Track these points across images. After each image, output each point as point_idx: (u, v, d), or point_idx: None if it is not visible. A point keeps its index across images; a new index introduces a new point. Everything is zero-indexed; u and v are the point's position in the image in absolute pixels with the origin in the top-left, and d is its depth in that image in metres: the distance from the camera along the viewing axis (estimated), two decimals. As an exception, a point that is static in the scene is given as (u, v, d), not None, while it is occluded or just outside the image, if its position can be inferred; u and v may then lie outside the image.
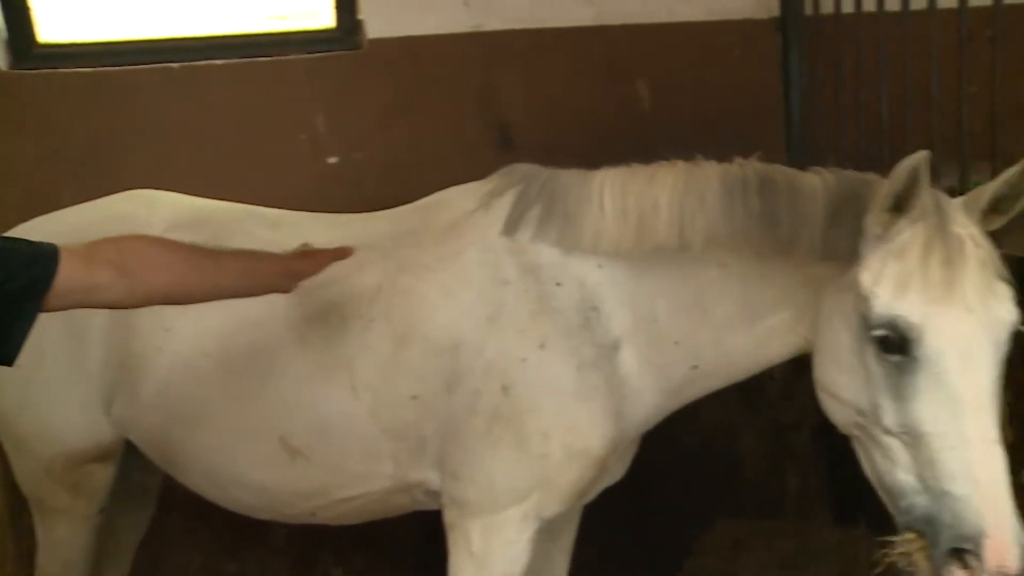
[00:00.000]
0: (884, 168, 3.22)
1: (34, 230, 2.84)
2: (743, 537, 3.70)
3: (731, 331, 2.35)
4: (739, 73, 3.98)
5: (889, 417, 1.97)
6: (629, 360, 2.40)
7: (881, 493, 2.07)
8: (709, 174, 2.31)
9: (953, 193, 3.51)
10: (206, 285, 2.11)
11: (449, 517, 2.50)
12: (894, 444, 1.97)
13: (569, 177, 2.44)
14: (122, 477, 2.85)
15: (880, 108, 3.31)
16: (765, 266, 2.27)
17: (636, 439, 2.63)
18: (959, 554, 1.82)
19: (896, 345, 1.94)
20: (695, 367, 2.40)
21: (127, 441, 2.76)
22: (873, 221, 2.02)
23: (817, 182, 2.20)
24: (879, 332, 1.95)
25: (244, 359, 2.54)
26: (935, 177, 2.02)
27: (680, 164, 2.37)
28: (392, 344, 2.46)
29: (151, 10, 3.92)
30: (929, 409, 1.91)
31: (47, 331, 2.61)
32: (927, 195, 1.97)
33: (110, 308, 2.12)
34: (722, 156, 2.25)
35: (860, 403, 2.04)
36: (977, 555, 1.80)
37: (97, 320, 2.64)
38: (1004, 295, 1.97)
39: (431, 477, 2.51)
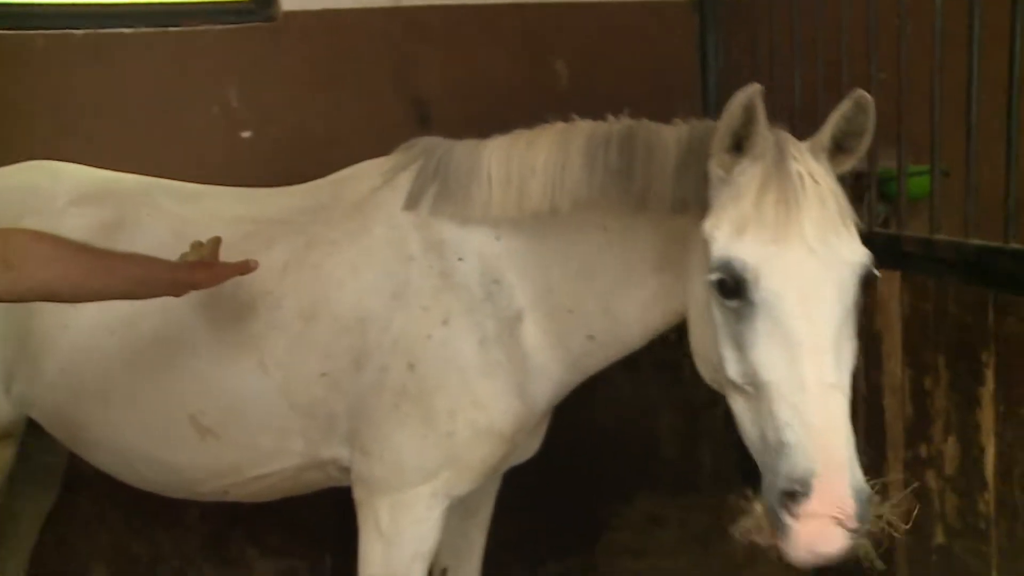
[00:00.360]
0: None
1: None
2: (658, 513, 3.78)
3: (616, 297, 2.35)
4: (657, 54, 4.01)
5: (732, 368, 1.89)
6: (531, 332, 2.40)
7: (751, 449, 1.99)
8: (578, 134, 2.31)
9: (860, 178, 3.65)
10: (94, 286, 2.06)
11: (358, 494, 2.50)
12: (740, 397, 1.90)
13: (462, 148, 2.44)
14: (23, 457, 2.76)
15: (794, 91, 3.37)
16: (636, 226, 2.26)
17: (547, 414, 2.65)
18: (791, 498, 1.72)
19: (732, 289, 1.86)
20: (591, 337, 2.41)
21: (28, 420, 2.67)
22: (715, 163, 1.98)
23: (672, 132, 2.20)
24: (715, 276, 1.87)
25: (152, 336, 2.49)
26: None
27: (558, 126, 2.37)
28: (300, 321, 2.44)
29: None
30: (767, 356, 1.82)
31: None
32: (765, 133, 1.92)
33: None
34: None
35: (712, 356, 1.97)
36: (806, 496, 1.69)
37: (-4, 296, 2.55)
38: (849, 235, 1.91)
39: (343, 454, 2.50)
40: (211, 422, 2.50)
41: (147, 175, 2.89)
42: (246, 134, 3.77)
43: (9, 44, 3.56)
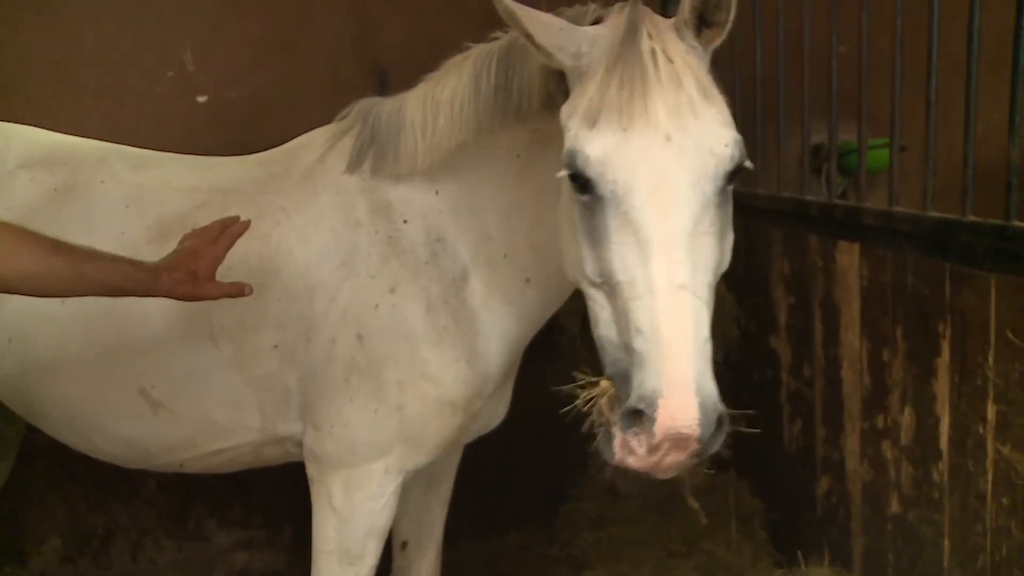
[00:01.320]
0: (756, 123, 3.35)
1: None
2: (618, 483, 3.79)
3: (538, 229, 2.23)
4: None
5: (589, 266, 1.76)
6: (476, 290, 2.33)
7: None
8: (467, 58, 2.22)
9: (819, 150, 3.67)
10: (58, 287, 1.94)
11: (311, 470, 2.46)
12: (599, 296, 1.75)
13: (390, 103, 2.37)
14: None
15: (755, 62, 3.37)
16: (548, 143, 2.04)
17: (508, 379, 2.59)
18: (638, 416, 1.60)
19: (583, 183, 1.72)
20: (527, 280, 2.33)
21: (-20, 391, 2.61)
22: (550, 51, 1.82)
23: None
24: (565, 170, 1.74)
25: (102, 308, 2.40)
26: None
27: (457, 56, 2.27)
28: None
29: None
30: (619, 254, 1.69)
31: None
32: (617, 11, 1.79)
33: None
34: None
35: (572, 254, 1.84)
36: (650, 419, 1.57)
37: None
38: (712, 119, 1.72)
39: (299, 429, 2.46)
40: (162, 396, 2.44)
41: (101, 139, 2.82)
42: (202, 99, 3.70)
43: (-47, 2, 3.45)
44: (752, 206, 3.41)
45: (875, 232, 2.68)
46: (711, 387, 1.61)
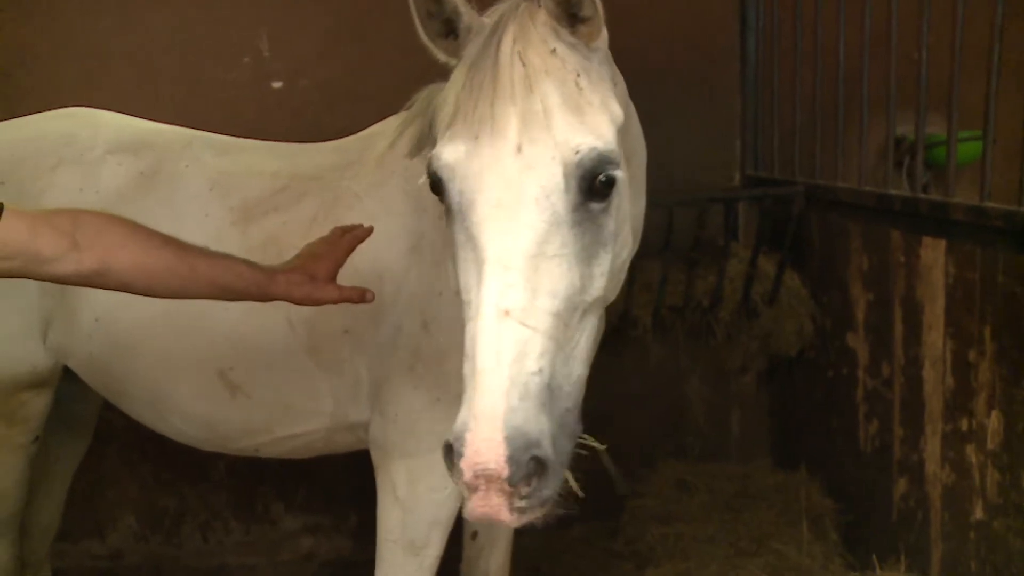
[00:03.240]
0: (839, 115, 3.26)
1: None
2: (686, 479, 3.74)
3: None
4: (696, 13, 3.90)
5: (454, 283, 1.67)
6: None
7: None
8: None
9: (900, 144, 3.56)
10: (171, 284, 1.86)
11: (375, 458, 2.46)
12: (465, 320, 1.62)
13: (445, 88, 2.30)
14: (56, 407, 2.76)
15: (838, 53, 3.27)
16: None
17: None
18: (449, 454, 1.49)
19: (439, 194, 1.64)
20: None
21: (63, 370, 2.67)
22: (432, 49, 1.75)
23: None
24: (423, 179, 1.66)
25: None
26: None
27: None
28: None
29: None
30: (464, 271, 1.60)
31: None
32: (465, 10, 1.69)
33: (58, 283, 1.90)
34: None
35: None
36: (459, 454, 1.45)
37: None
38: (569, 127, 1.58)
39: (370, 416, 2.46)
40: (240, 379, 2.47)
41: (178, 124, 2.85)
42: (277, 84, 3.72)
43: (36, -10, 3.52)
44: (831, 200, 3.32)
45: (963, 228, 2.58)
46: (528, 426, 1.44)
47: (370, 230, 2.07)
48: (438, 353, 2.30)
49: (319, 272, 1.99)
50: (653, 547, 3.46)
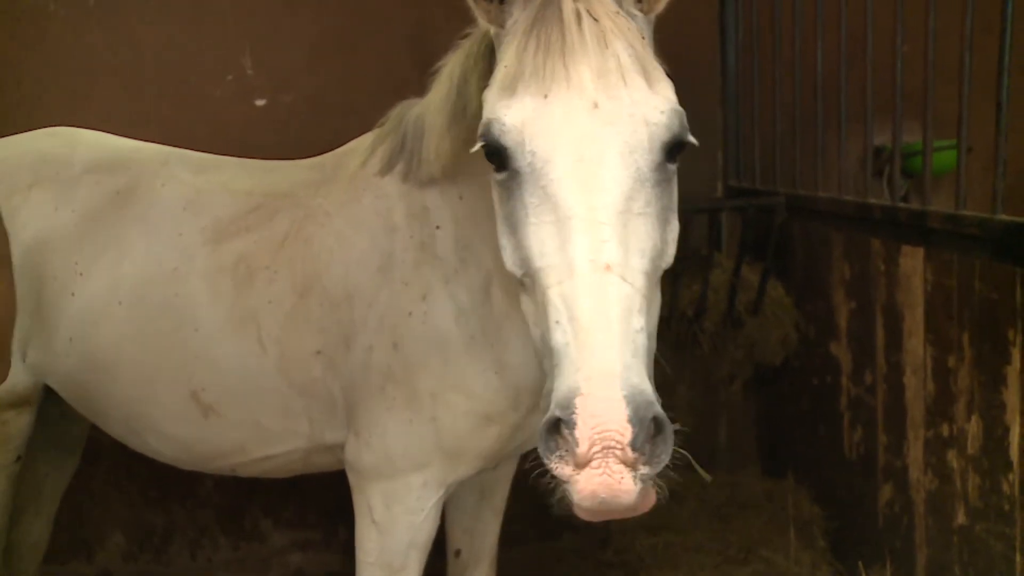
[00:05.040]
0: (818, 126, 3.29)
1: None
2: (675, 489, 3.75)
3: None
4: (674, 22, 3.91)
5: (510, 257, 1.59)
6: (499, 299, 2.22)
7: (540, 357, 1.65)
8: (452, 59, 2.13)
9: (879, 154, 3.59)
10: None
11: (352, 480, 2.43)
12: (525, 292, 1.56)
13: (419, 106, 2.30)
14: (43, 425, 2.76)
15: (816, 65, 3.31)
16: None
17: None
18: (555, 430, 1.38)
19: (500, 157, 1.56)
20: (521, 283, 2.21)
21: (47, 389, 2.66)
22: (480, 17, 1.71)
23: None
24: (479, 143, 1.58)
25: (157, 309, 2.45)
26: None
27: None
28: (294, 295, 2.37)
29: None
30: (537, 236, 1.51)
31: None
32: None
33: None
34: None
35: (498, 249, 1.65)
36: (570, 423, 1.33)
37: (11, 262, 2.53)
38: (646, 87, 1.56)
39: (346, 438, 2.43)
40: (212, 399, 2.45)
41: (162, 142, 2.86)
42: (261, 102, 3.74)
43: (21, 8, 3.53)
44: (812, 209, 3.35)
45: (941, 236, 2.62)
46: (645, 384, 1.37)
47: None
48: (408, 373, 2.26)
49: None
50: (642, 556, 3.47)
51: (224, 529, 3.88)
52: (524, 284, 1.56)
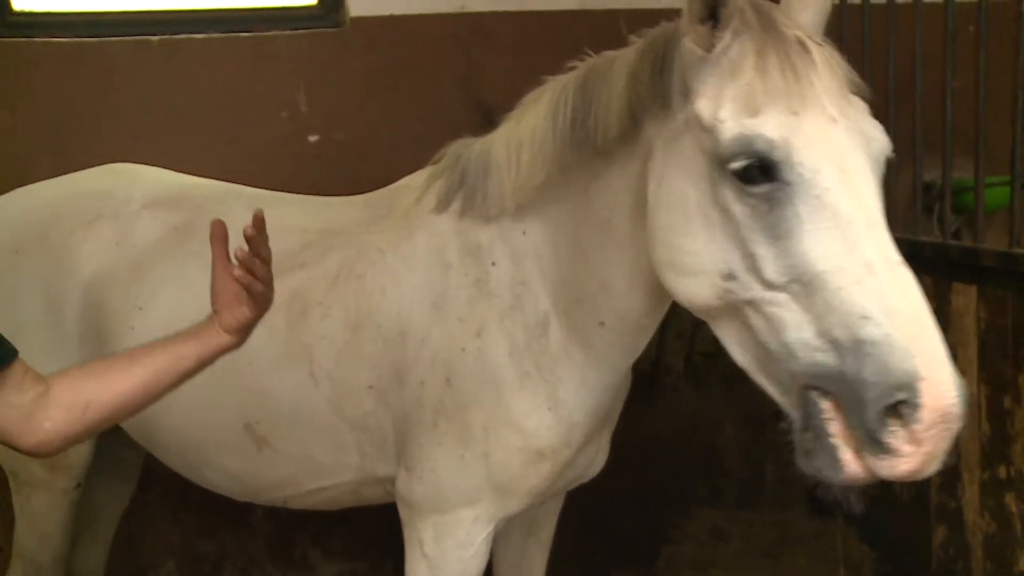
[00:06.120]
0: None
1: (11, 203, 2.82)
2: (721, 526, 3.73)
3: (606, 268, 2.14)
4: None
5: (770, 267, 1.63)
6: (556, 336, 2.25)
7: (758, 375, 1.77)
8: (546, 90, 2.17)
9: (929, 190, 3.55)
10: (152, 395, 1.81)
11: (402, 514, 2.45)
12: (780, 299, 1.62)
13: (479, 144, 2.35)
14: (102, 452, 2.83)
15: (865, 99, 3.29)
16: (609, 174, 2.04)
17: (605, 428, 2.52)
18: (893, 411, 1.47)
19: (760, 172, 1.63)
20: (602, 323, 2.22)
21: (106, 417, 2.72)
22: (689, 39, 1.76)
23: (628, 51, 2.01)
24: (738, 163, 1.64)
25: None
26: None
27: (536, 90, 2.22)
28: (347, 332, 2.40)
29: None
30: (816, 241, 1.58)
31: (25, 306, 2.60)
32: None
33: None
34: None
35: (726, 264, 1.70)
36: (915, 404, 1.45)
37: (73, 296, 2.61)
38: (862, 107, 1.72)
39: (398, 471, 2.45)
40: (266, 432, 2.49)
41: (218, 178, 2.93)
42: (314, 138, 3.82)
43: (89, 51, 3.65)
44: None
45: (994, 273, 2.58)
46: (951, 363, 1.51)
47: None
48: (461, 409, 2.29)
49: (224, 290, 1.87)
50: (689, 594, 3.45)
51: (274, 558, 3.92)
52: (786, 291, 1.62)
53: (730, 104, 1.68)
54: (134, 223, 2.67)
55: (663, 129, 1.87)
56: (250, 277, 1.80)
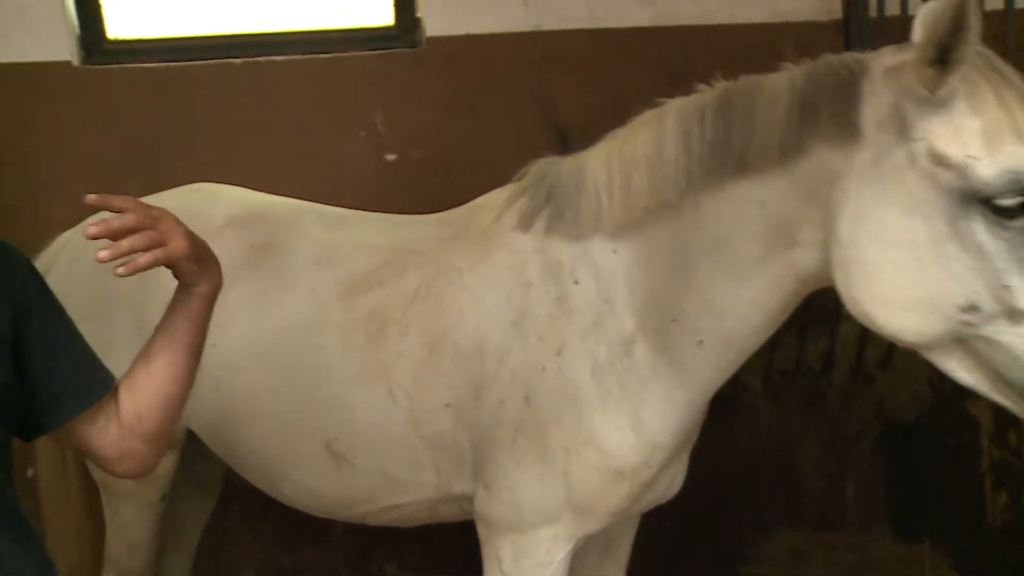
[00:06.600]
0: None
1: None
2: (802, 548, 3.66)
3: (720, 287, 2.13)
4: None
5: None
6: (643, 355, 2.25)
7: (992, 393, 1.84)
8: (668, 113, 2.17)
9: None
10: (176, 391, 1.79)
11: (480, 531, 2.46)
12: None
13: (569, 162, 2.35)
14: (186, 466, 2.90)
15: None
16: (736, 195, 2.05)
17: (686, 448, 2.51)
18: None
19: (1020, 207, 1.69)
20: (700, 343, 2.21)
21: (190, 431, 2.79)
22: (915, 80, 1.78)
23: (782, 77, 2.02)
24: (1008, 199, 1.70)
25: (292, 361, 2.54)
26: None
27: (649, 113, 2.24)
28: (425, 350, 2.42)
29: (214, 7, 3.97)
30: None
31: (115, 324, 2.67)
32: (973, 39, 1.72)
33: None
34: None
35: (966, 297, 1.74)
36: None
37: (159, 314, 2.67)
38: None
39: (474, 489, 2.46)
40: (345, 449, 2.51)
41: (297, 196, 2.98)
42: (391, 157, 3.86)
43: (174, 74, 3.77)
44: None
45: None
46: None
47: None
48: (540, 427, 2.29)
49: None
50: (770, 617, 3.38)
51: (351, 572, 3.96)
52: None
53: (980, 141, 1.73)
54: (215, 241, 2.68)
55: (853, 160, 1.87)
56: (119, 236, 1.63)
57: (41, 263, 2.77)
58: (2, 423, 1.59)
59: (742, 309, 2.14)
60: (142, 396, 1.74)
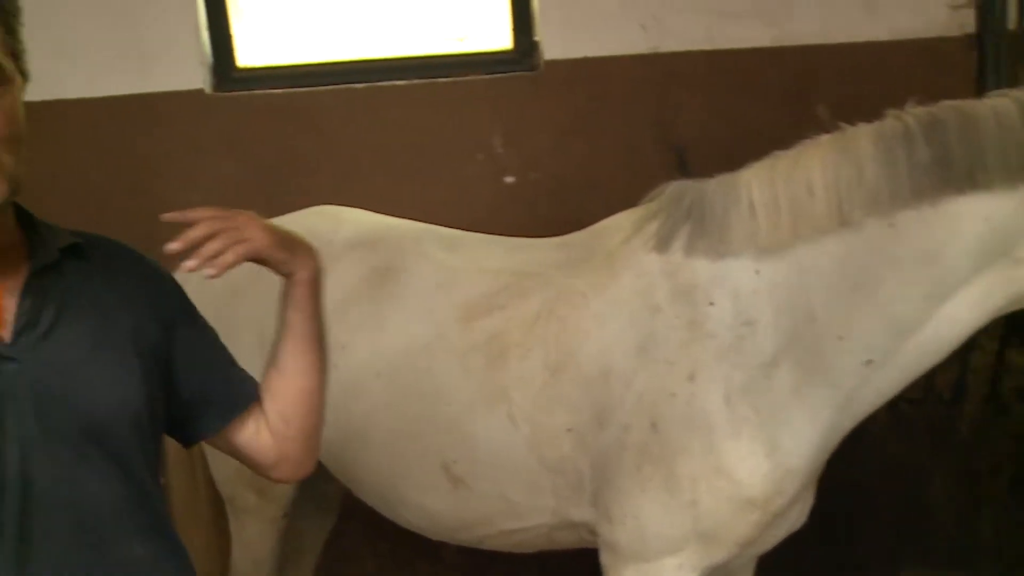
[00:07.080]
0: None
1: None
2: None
3: (907, 303, 2.12)
4: (929, 96, 3.74)
5: None
6: (787, 377, 2.21)
7: None
8: (859, 139, 2.17)
9: None
10: (311, 389, 1.82)
11: (604, 559, 2.43)
12: None
13: (715, 184, 2.33)
14: (306, 485, 2.95)
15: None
16: (949, 209, 2.07)
17: (813, 476, 2.43)
18: None
19: None
20: (868, 362, 2.17)
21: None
22: None
23: (1000, 102, 2.06)
24: None
25: (412, 383, 2.56)
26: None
27: (824, 138, 2.23)
28: (547, 374, 2.41)
29: (338, 35, 4.08)
30: None
31: (241, 342, 2.75)
32: None
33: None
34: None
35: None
36: None
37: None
38: None
39: (593, 516, 2.44)
40: (463, 472, 2.52)
41: (417, 218, 3.03)
42: (509, 179, 3.89)
43: (299, 100, 3.90)
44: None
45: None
46: None
47: None
48: (667, 454, 2.26)
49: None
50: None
51: (466, 592, 3.97)
52: None
53: None
54: (337, 263, 2.78)
55: None
56: (200, 244, 1.62)
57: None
58: (152, 431, 1.65)
59: (935, 325, 2.13)
60: (280, 397, 1.78)
